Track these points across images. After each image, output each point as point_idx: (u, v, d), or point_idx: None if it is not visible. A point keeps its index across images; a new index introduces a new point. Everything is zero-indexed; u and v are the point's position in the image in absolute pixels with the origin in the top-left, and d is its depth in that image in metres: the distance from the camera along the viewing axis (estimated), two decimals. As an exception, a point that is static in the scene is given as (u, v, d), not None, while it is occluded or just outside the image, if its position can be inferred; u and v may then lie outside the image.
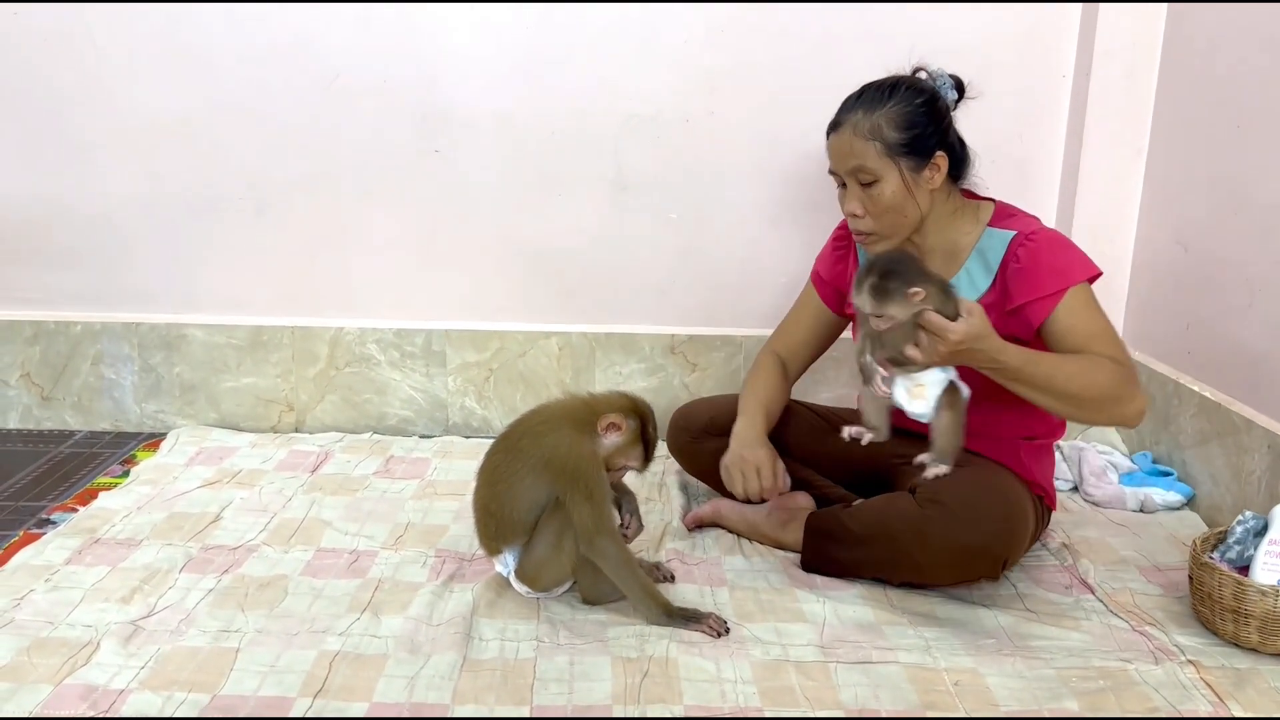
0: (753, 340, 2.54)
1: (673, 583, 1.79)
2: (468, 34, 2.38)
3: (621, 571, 1.63)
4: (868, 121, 1.70)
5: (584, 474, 1.61)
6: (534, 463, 1.63)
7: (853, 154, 1.71)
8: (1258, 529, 1.68)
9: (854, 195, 1.75)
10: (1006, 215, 1.79)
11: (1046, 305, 1.68)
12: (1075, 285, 1.68)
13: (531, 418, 1.70)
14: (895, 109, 1.70)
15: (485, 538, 1.71)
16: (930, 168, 1.72)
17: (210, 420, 2.58)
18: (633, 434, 1.67)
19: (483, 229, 2.51)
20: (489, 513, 1.67)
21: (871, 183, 1.71)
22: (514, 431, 1.70)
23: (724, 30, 2.37)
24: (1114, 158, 2.37)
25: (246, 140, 2.45)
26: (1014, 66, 2.39)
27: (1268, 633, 1.56)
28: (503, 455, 1.68)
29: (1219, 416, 2.07)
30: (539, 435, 1.66)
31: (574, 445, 1.63)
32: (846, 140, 1.72)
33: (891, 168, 1.70)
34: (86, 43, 2.38)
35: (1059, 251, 1.71)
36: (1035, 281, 1.68)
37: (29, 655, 1.52)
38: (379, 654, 1.54)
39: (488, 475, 1.69)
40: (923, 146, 1.71)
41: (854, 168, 1.72)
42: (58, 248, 2.52)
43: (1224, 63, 2.10)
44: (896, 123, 1.69)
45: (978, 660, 1.56)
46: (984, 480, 1.69)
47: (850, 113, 1.73)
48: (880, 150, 1.69)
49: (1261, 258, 1.98)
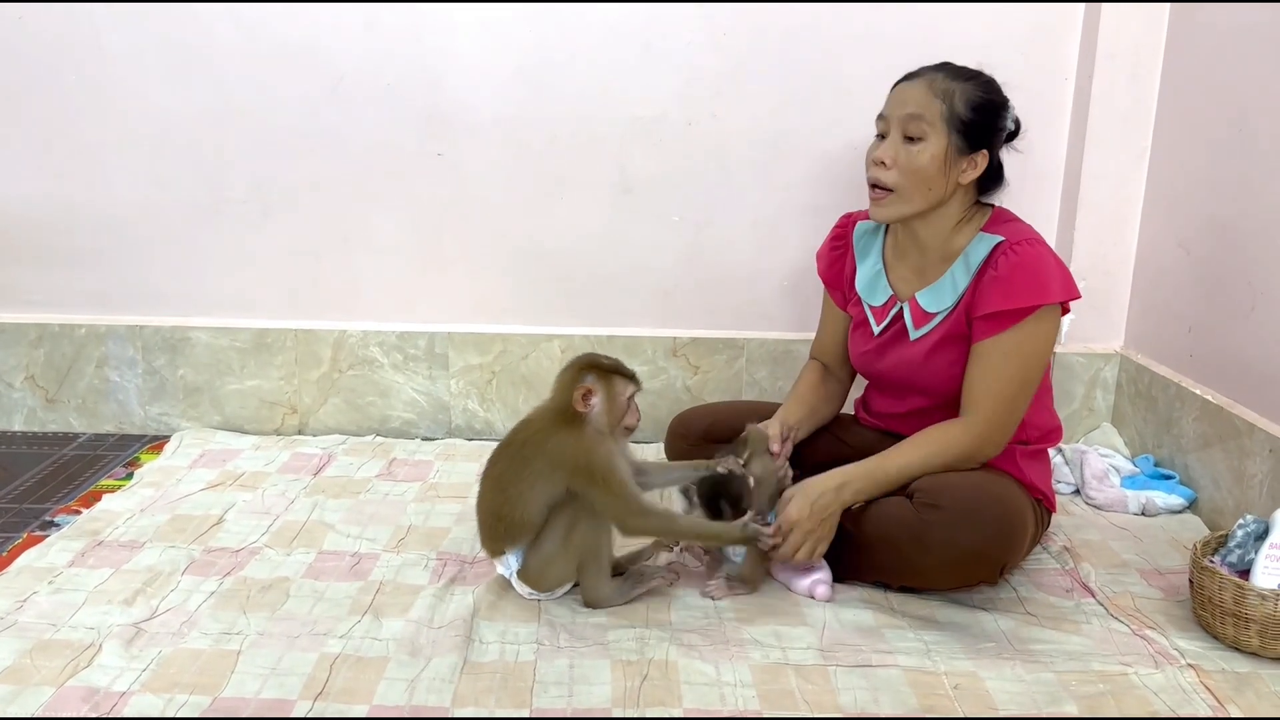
0: (755, 343, 2.54)
1: (676, 580, 1.80)
2: (471, 38, 2.39)
3: (672, 532, 1.72)
4: (947, 84, 1.73)
5: (596, 465, 1.64)
6: (544, 466, 1.65)
7: (918, 102, 1.72)
8: (1258, 533, 1.68)
9: (893, 145, 1.75)
10: (1002, 221, 1.80)
11: (1007, 320, 1.70)
12: (1045, 307, 1.69)
13: (526, 427, 1.72)
14: (973, 90, 1.73)
15: (491, 540, 1.72)
16: (970, 161, 1.74)
17: (214, 423, 2.59)
18: (601, 380, 1.68)
19: (486, 232, 2.52)
20: (498, 517, 1.68)
21: (917, 139, 1.72)
22: (514, 440, 1.71)
23: (726, 34, 2.37)
24: (1117, 160, 2.37)
25: (251, 144, 2.45)
26: (1017, 68, 2.34)
27: (1268, 637, 1.56)
28: (508, 462, 1.69)
29: (1221, 420, 2.06)
30: (540, 442, 1.67)
31: (576, 440, 1.65)
32: (918, 89, 1.74)
33: (942, 135, 1.72)
34: (93, 47, 2.39)
35: (1040, 267, 1.70)
36: (1007, 292, 1.69)
37: (31, 657, 1.52)
38: (380, 656, 1.55)
39: (495, 481, 1.70)
40: (977, 135, 1.73)
41: (910, 114, 1.72)
42: (63, 250, 2.53)
43: (1226, 65, 2.10)
44: (969, 100, 1.72)
45: (978, 664, 1.56)
46: (982, 485, 1.69)
47: (934, 71, 1.76)
48: (943, 112, 1.71)
49: (1263, 261, 1.98)
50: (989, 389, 1.72)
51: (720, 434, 1.97)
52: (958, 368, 1.78)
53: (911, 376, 1.84)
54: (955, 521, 1.64)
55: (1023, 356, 1.71)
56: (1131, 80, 2.32)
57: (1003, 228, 1.77)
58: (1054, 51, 2.39)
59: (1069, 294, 1.72)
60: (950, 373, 1.79)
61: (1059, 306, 1.73)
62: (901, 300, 1.86)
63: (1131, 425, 2.40)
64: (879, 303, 1.90)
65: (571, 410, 1.66)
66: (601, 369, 1.69)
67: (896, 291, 1.88)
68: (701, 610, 1.71)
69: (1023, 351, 1.71)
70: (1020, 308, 1.68)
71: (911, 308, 1.84)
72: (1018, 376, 1.72)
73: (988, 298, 1.72)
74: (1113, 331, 2.49)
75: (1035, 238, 1.74)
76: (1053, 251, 1.75)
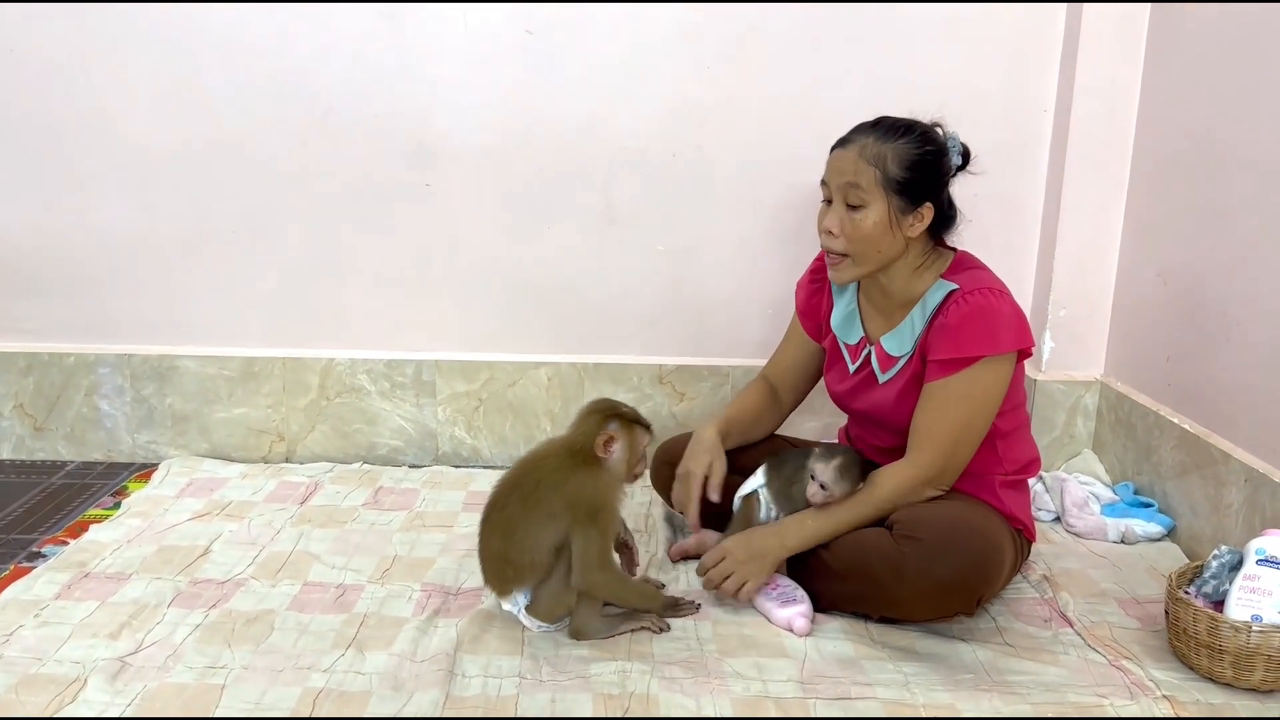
0: (740, 370, 2.57)
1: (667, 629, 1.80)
2: (457, 70, 2.42)
3: (619, 593, 1.72)
4: (876, 147, 1.73)
5: (605, 508, 1.67)
6: (559, 506, 1.65)
7: (852, 171, 1.74)
8: (1233, 563, 1.69)
9: (836, 213, 1.77)
10: (962, 268, 1.81)
11: (952, 367, 1.72)
12: (991, 357, 1.72)
13: (538, 467, 1.71)
14: (905, 147, 1.73)
15: (499, 583, 1.71)
16: (916, 215, 1.75)
17: (202, 450, 2.60)
18: (624, 429, 1.72)
19: (473, 261, 2.54)
20: (506, 561, 1.68)
21: (858, 206, 1.74)
22: (525, 480, 1.71)
23: (710, 67, 2.41)
24: (1096, 191, 2.40)
25: (239, 174, 2.48)
26: (997, 102, 2.43)
27: (1241, 668, 1.58)
28: (519, 506, 1.68)
29: (1198, 449, 2.09)
30: (558, 482, 1.67)
31: (597, 483, 1.68)
32: (850, 157, 1.74)
33: (881, 200, 1.73)
34: (83, 78, 2.42)
35: (990, 318, 1.72)
36: (956, 340, 1.72)
37: (17, 692, 1.53)
38: (363, 691, 1.56)
39: (502, 527, 1.69)
40: (916, 192, 1.73)
41: (847, 184, 1.74)
42: (53, 280, 2.55)
43: (1200, 100, 2.14)
44: (901, 160, 1.72)
45: (955, 695, 1.58)
46: (960, 516, 1.72)
47: (862, 134, 1.76)
48: (877, 179, 1.72)
49: (1238, 292, 2.01)
50: (933, 430, 1.76)
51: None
52: None
53: (885, 417, 1.86)
54: (932, 553, 1.65)
55: (970, 401, 1.74)
56: (1109, 114, 2.36)
57: (961, 275, 1.79)
58: (1033, 85, 2.43)
59: (1020, 344, 1.74)
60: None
61: (1012, 354, 1.76)
62: (871, 342, 1.89)
63: (1112, 452, 2.43)
64: (853, 341, 1.92)
65: (590, 453, 1.68)
66: (624, 418, 1.72)
67: (868, 333, 1.91)
68: (684, 642, 1.72)
69: (971, 396, 1.73)
70: (966, 357, 1.71)
71: (878, 351, 1.87)
72: (961, 420, 1.74)
73: (937, 344, 1.74)
74: (1093, 360, 2.51)
75: (992, 287, 1.75)
76: (1009, 300, 1.76)
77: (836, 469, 1.77)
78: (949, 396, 1.74)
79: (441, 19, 2.38)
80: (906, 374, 1.82)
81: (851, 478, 1.77)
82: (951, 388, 1.73)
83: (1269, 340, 1.92)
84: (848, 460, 1.78)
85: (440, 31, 2.39)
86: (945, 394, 1.74)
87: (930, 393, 1.76)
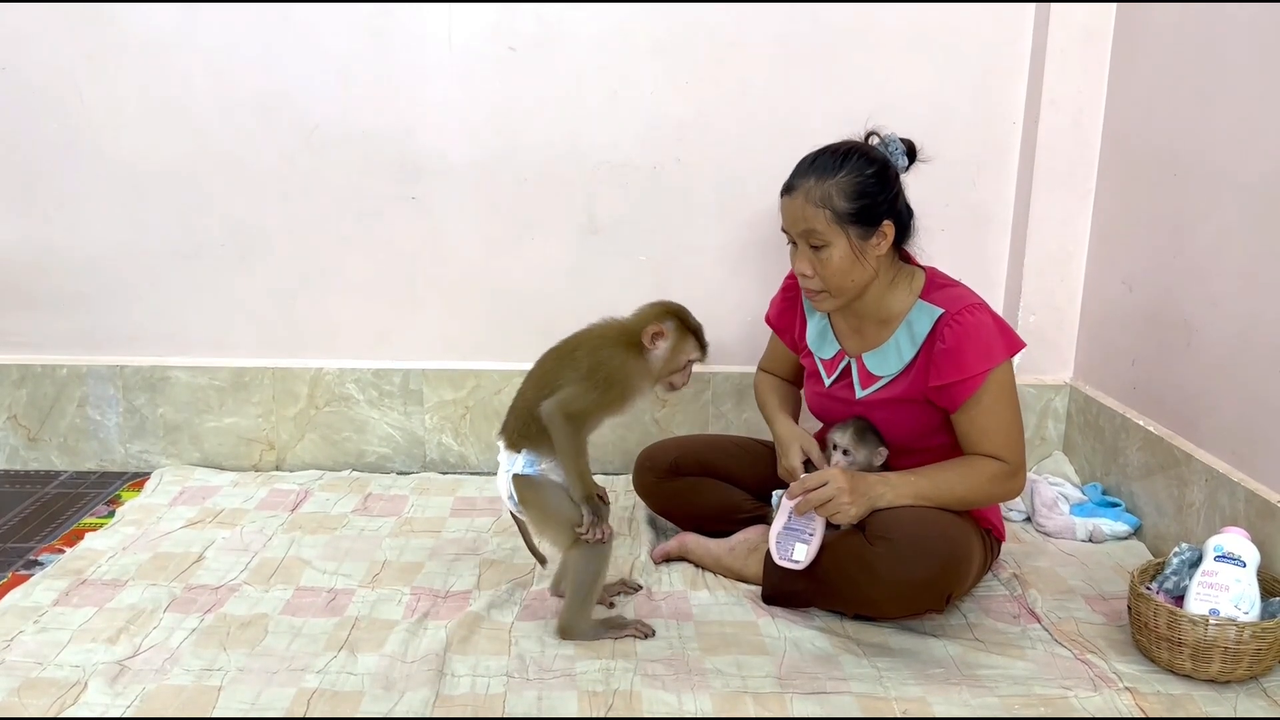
0: (720, 377, 2.63)
1: (636, 592, 1.89)
2: (443, 86, 2.47)
3: (567, 449, 1.72)
4: (819, 189, 1.76)
5: (619, 386, 1.73)
6: (582, 372, 1.72)
7: (804, 218, 1.78)
8: (1193, 560, 1.76)
9: (804, 255, 1.82)
10: (938, 287, 1.87)
11: (969, 387, 1.78)
12: (997, 366, 1.78)
13: (587, 334, 1.80)
14: (846, 179, 1.76)
15: (514, 434, 1.78)
16: (878, 235, 1.79)
17: (193, 459, 2.65)
18: (677, 332, 1.79)
19: (458, 272, 2.60)
20: (532, 416, 1.75)
21: (821, 246, 1.79)
22: (568, 345, 1.80)
23: (689, 82, 2.47)
24: (1063, 201, 2.48)
25: (228, 188, 2.53)
26: (966, 114, 2.50)
27: (1199, 660, 1.65)
28: (554, 362, 1.78)
29: (1162, 450, 2.16)
30: (595, 349, 1.75)
31: (624, 360, 1.74)
32: (799, 205, 1.79)
33: (840, 235, 1.77)
34: (74, 96, 2.46)
35: (983, 334, 1.79)
36: (959, 363, 1.78)
37: (19, 696, 1.58)
38: (355, 691, 1.61)
39: (536, 379, 1.79)
40: (871, 216, 1.78)
41: (804, 231, 1.79)
42: (45, 293, 2.59)
43: (1163, 113, 2.21)
44: (846, 192, 1.76)
45: (926, 689, 1.64)
46: (931, 518, 1.77)
47: (803, 178, 1.79)
48: (830, 218, 1.76)
49: (1197, 299, 2.08)
50: (993, 432, 1.81)
51: (687, 467, 2.08)
52: (905, 426, 1.88)
53: None
54: (903, 553, 1.72)
55: (1004, 397, 1.81)
56: (1075, 126, 2.43)
57: (941, 295, 1.84)
58: (1002, 99, 2.50)
59: (1013, 349, 1.82)
60: (900, 430, 1.89)
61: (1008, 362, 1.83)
62: (849, 356, 1.95)
63: (1081, 454, 2.50)
64: (828, 356, 1.98)
65: (636, 338, 1.76)
66: (683, 323, 1.80)
67: (844, 347, 1.96)
68: (666, 641, 1.78)
69: (1001, 396, 1.80)
70: (975, 374, 1.78)
71: (858, 367, 1.92)
72: (1009, 416, 1.82)
73: (942, 370, 1.80)
74: (1062, 363, 2.59)
75: (974, 303, 1.81)
76: (990, 311, 1.83)
77: (853, 434, 1.89)
78: (984, 406, 1.80)
79: (427, 37, 2.44)
80: (888, 393, 1.88)
81: (868, 441, 1.89)
82: (984, 399, 1.79)
83: (1227, 345, 1.99)
84: (860, 425, 1.90)
85: (425, 49, 2.45)
86: (980, 406, 1.80)
87: (969, 415, 1.81)
